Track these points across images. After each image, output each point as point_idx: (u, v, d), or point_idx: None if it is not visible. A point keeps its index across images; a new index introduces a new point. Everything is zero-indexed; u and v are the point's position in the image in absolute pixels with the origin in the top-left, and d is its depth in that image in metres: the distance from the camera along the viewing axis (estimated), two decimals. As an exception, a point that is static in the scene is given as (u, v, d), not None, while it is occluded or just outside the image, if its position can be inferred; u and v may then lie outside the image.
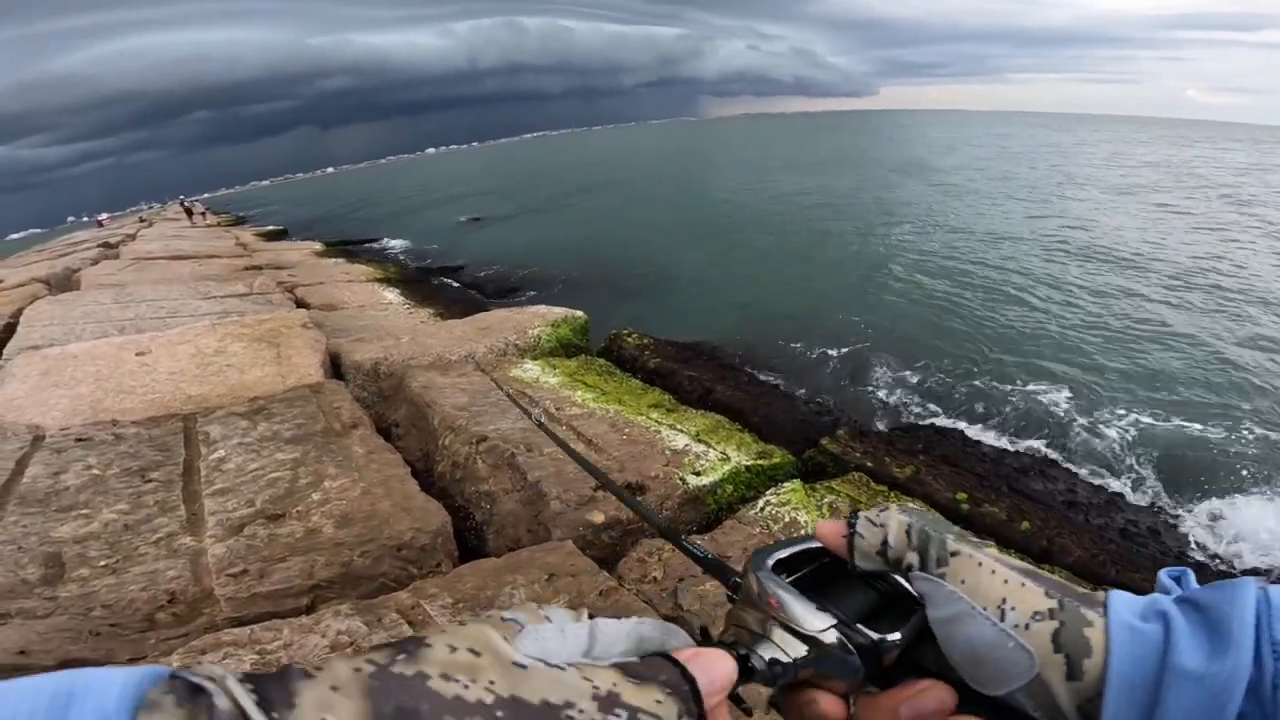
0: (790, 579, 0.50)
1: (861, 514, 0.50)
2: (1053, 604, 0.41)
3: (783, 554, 0.52)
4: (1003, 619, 0.42)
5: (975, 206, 19.57)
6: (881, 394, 7.08)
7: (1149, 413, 6.44)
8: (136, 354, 4.29)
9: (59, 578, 1.94)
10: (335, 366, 4.49)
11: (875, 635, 0.47)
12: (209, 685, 0.28)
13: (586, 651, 0.39)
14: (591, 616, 0.41)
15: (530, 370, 4.23)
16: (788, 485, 2.85)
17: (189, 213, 28.44)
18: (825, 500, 2.76)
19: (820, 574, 0.52)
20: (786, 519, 2.60)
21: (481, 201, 32.17)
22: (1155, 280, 11.23)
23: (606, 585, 1.98)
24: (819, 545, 0.52)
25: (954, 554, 0.46)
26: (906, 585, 0.50)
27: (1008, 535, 2.81)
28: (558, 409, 3.50)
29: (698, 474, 2.86)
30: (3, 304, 6.45)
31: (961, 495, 3.11)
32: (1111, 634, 0.39)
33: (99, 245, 14.42)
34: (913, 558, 0.47)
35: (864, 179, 28.97)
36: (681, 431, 3.30)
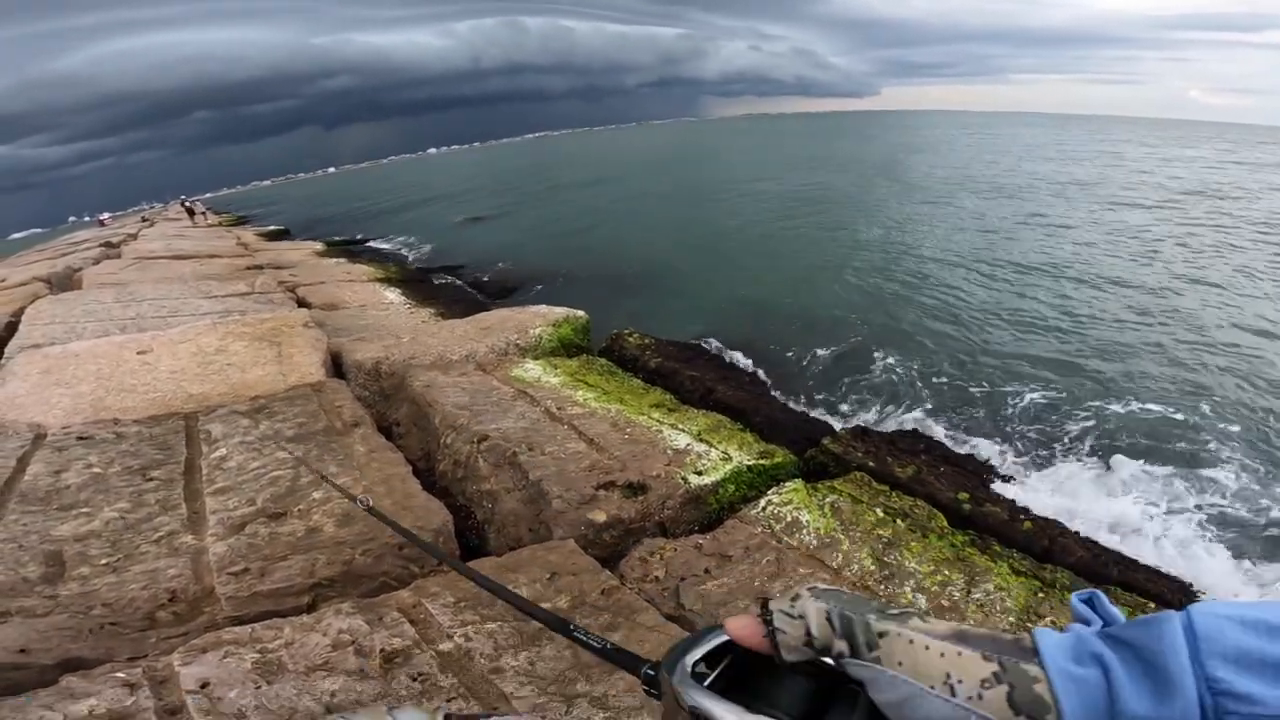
0: (712, 676, 0.49)
1: (774, 608, 0.49)
2: (995, 668, 0.41)
3: (697, 653, 0.50)
4: (953, 694, 0.42)
5: (981, 208, 19.55)
6: (884, 394, 7.07)
7: (1156, 412, 6.43)
8: (138, 353, 4.29)
9: (60, 576, 1.94)
10: (336, 366, 4.49)
11: None
12: None
13: None
14: (447, 717, 0.38)
15: (532, 370, 4.23)
16: (789, 485, 2.85)
17: (190, 212, 28.46)
18: (827, 500, 2.75)
19: (739, 665, 0.50)
20: (788, 518, 2.60)
21: (483, 201, 32.18)
22: (1168, 284, 11.20)
23: (608, 584, 1.98)
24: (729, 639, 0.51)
25: (881, 635, 0.45)
26: (833, 665, 0.48)
27: (1009, 535, 2.81)
28: (559, 408, 3.50)
29: (699, 473, 2.86)
30: (4, 303, 6.46)
31: (963, 495, 3.11)
32: (1055, 687, 0.39)
33: (100, 245, 14.43)
34: (841, 645, 0.46)
35: (864, 179, 28.96)
36: (683, 431, 3.30)
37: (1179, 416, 6.32)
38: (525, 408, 3.50)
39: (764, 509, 2.67)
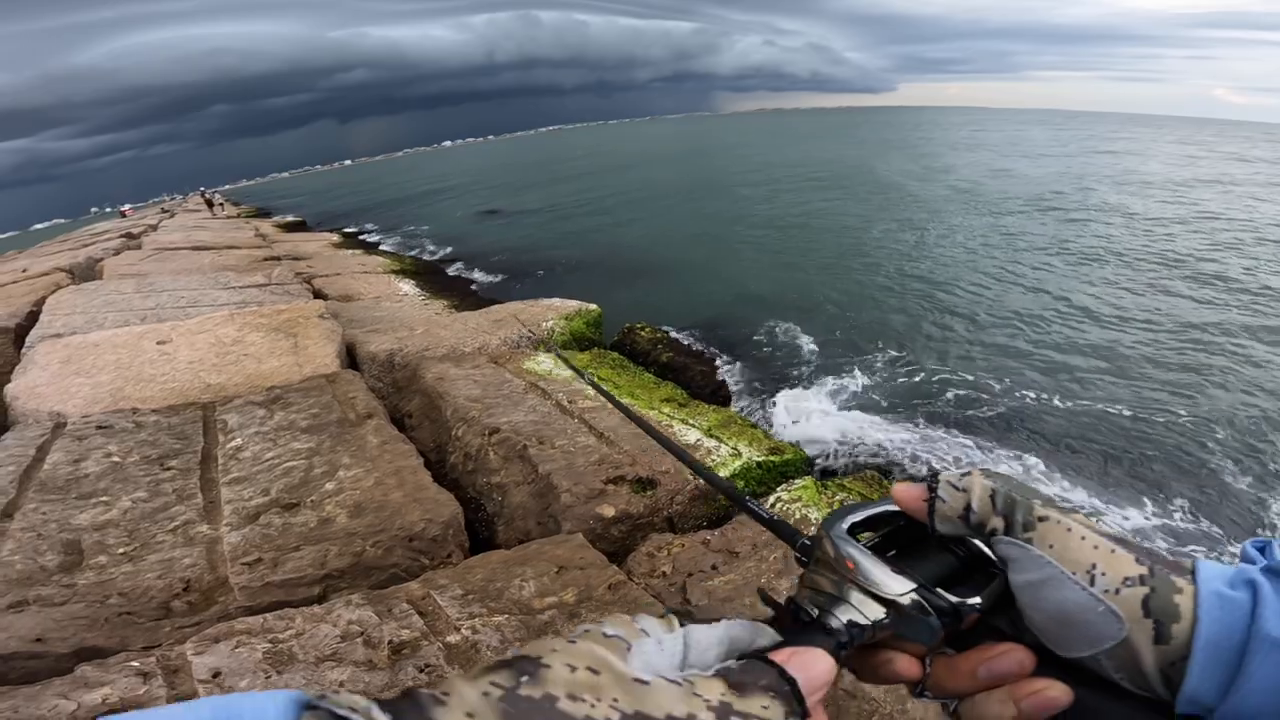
0: (865, 543, 0.50)
1: (943, 477, 0.50)
2: (1143, 570, 0.42)
3: (857, 516, 0.52)
4: (1092, 584, 0.42)
5: (1002, 206, 19.31)
6: (897, 391, 7.02)
7: (1169, 412, 6.34)
8: (157, 343, 4.35)
9: (77, 565, 1.98)
10: (351, 357, 4.53)
11: (955, 600, 0.47)
12: (353, 717, 0.29)
13: (683, 661, 0.39)
14: (683, 623, 0.41)
15: (544, 363, 4.24)
16: (799, 482, 2.84)
17: (209, 204, 28.73)
18: (837, 497, 2.74)
19: (895, 536, 0.52)
20: (798, 515, 2.59)
21: (496, 194, 32.25)
22: (1190, 280, 11.02)
23: (615, 579, 1.99)
24: (894, 509, 0.52)
25: (1041, 519, 0.46)
26: (983, 548, 0.50)
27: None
28: (570, 402, 3.51)
29: (709, 469, 2.85)
30: (26, 292, 6.57)
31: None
32: (1200, 600, 0.40)
33: (121, 235, 14.62)
34: (997, 522, 0.47)
35: (882, 175, 28.69)
36: (693, 426, 3.29)
37: (1215, 420, 6.19)
38: (536, 401, 3.51)
39: (773, 506, 2.66)
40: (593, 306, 5.34)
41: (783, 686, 0.38)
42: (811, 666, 0.41)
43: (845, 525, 0.51)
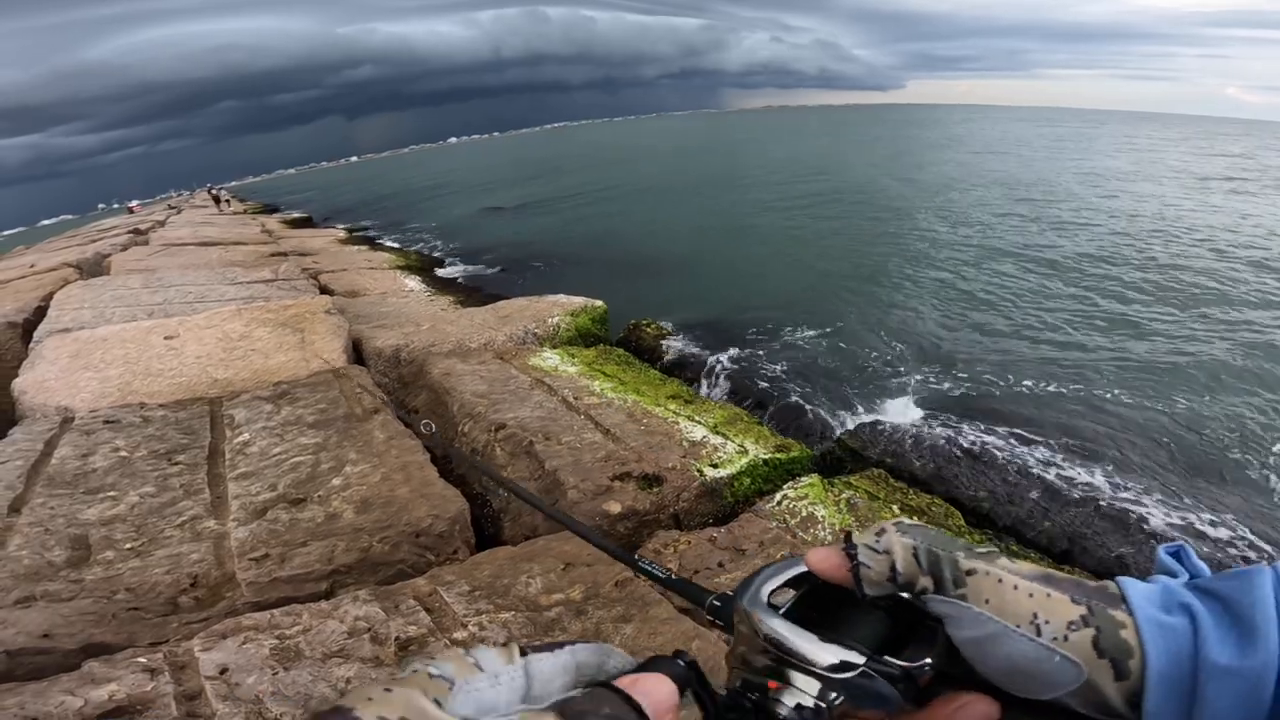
0: (784, 609, 0.48)
1: (859, 542, 0.49)
2: (1082, 610, 0.41)
3: (773, 583, 0.49)
4: (1039, 634, 0.41)
5: (1008, 206, 19.20)
6: (903, 389, 6.99)
7: (1185, 418, 6.29)
8: (165, 338, 4.36)
9: (84, 560, 1.98)
10: (357, 352, 4.53)
11: (905, 664, 0.45)
12: None
13: (525, 693, 0.38)
14: (523, 653, 0.40)
15: (549, 359, 4.24)
16: (805, 480, 2.83)
17: (216, 200, 28.85)
18: (843, 495, 2.73)
19: (814, 596, 0.50)
20: (804, 513, 2.58)
21: (502, 191, 32.25)
22: (1209, 280, 10.93)
23: (622, 576, 1.98)
24: (807, 570, 0.50)
25: (969, 572, 0.45)
26: (912, 600, 0.48)
27: (1028, 535, 2.77)
28: (576, 398, 3.50)
29: (715, 466, 2.84)
30: (34, 288, 6.59)
31: (982, 493, 3.06)
32: (1143, 634, 0.39)
33: (129, 231, 14.68)
34: (926, 581, 0.46)
35: (886, 172, 28.56)
36: (699, 423, 3.28)
37: (1233, 423, 6.12)
38: (542, 397, 3.50)
39: (779, 503, 2.65)
40: (598, 303, 5.33)
41: (628, 714, 0.36)
42: (656, 693, 0.39)
43: (763, 594, 0.48)
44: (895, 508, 2.67)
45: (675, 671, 0.42)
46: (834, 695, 0.44)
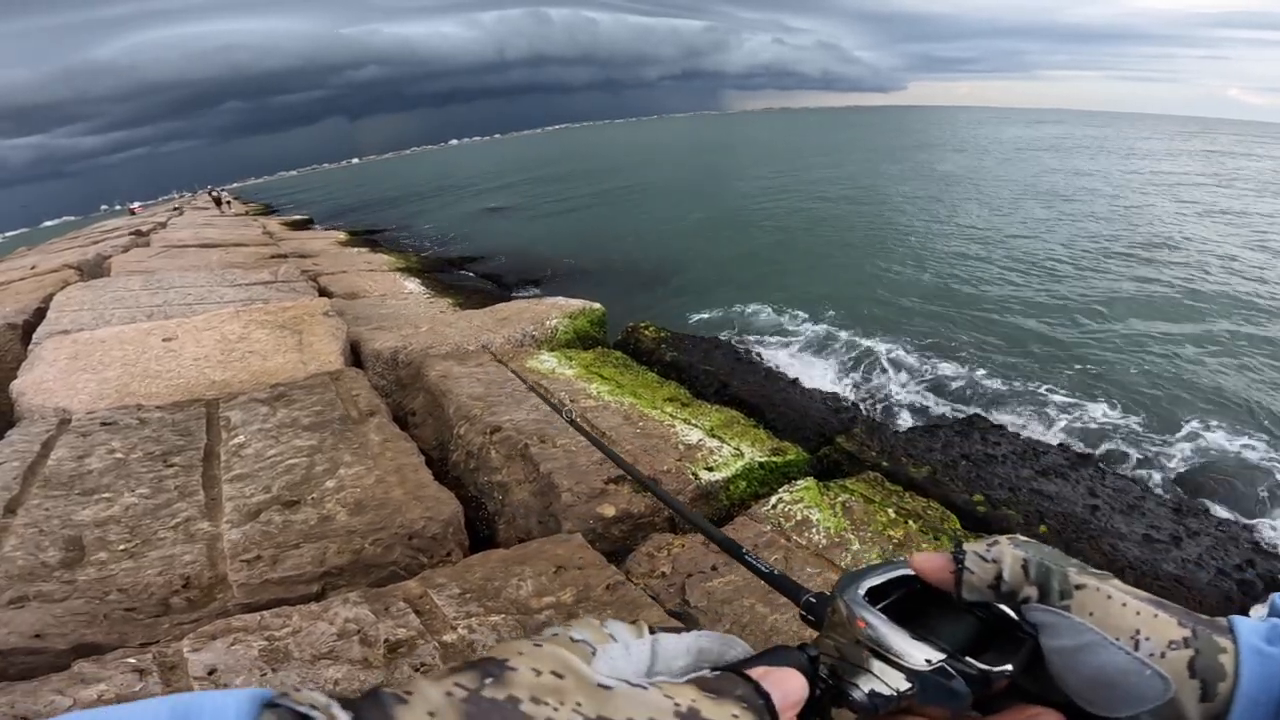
0: (881, 605, 0.50)
1: (969, 549, 0.50)
2: (1186, 633, 0.42)
3: (874, 580, 0.51)
4: (1137, 648, 0.43)
5: (1006, 205, 19.19)
6: (899, 391, 6.99)
7: (1183, 420, 6.28)
8: (163, 339, 4.37)
9: (78, 561, 1.98)
10: (355, 354, 4.54)
11: (985, 667, 0.46)
12: (313, 714, 0.29)
13: (649, 668, 0.40)
14: (652, 630, 0.41)
15: (547, 361, 4.24)
16: (801, 483, 2.83)
17: (218, 202, 28.91)
18: (839, 499, 2.73)
19: (908, 600, 0.51)
20: (799, 517, 2.58)
21: (502, 193, 32.31)
22: (1206, 281, 10.92)
23: (613, 579, 1.98)
24: (910, 573, 0.52)
25: (1079, 586, 0.46)
26: (1006, 611, 0.49)
27: (1026, 536, 2.76)
28: (573, 401, 3.51)
29: (711, 469, 2.84)
30: (34, 289, 6.61)
31: (978, 497, 3.06)
32: (1242, 658, 0.40)
33: (130, 233, 14.71)
34: (1031, 591, 0.47)
35: (884, 173, 28.57)
36: (696, 426, 3.28)
37: (1228, 427, 6.11)
38: (538, 400, 3.51)
39: (774, 506, 2.65)
40: (596, 305, 5.33)
41: (756, 700, 0.38)
42: (785, 684, 0.41)
43: (861, 589, 0.50)
44: (891, 511, 2.67)
45: (802, 664, 0.45)
46: (908, 686, 0.46)
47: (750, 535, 2.45)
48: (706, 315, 9.58)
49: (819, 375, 7.33)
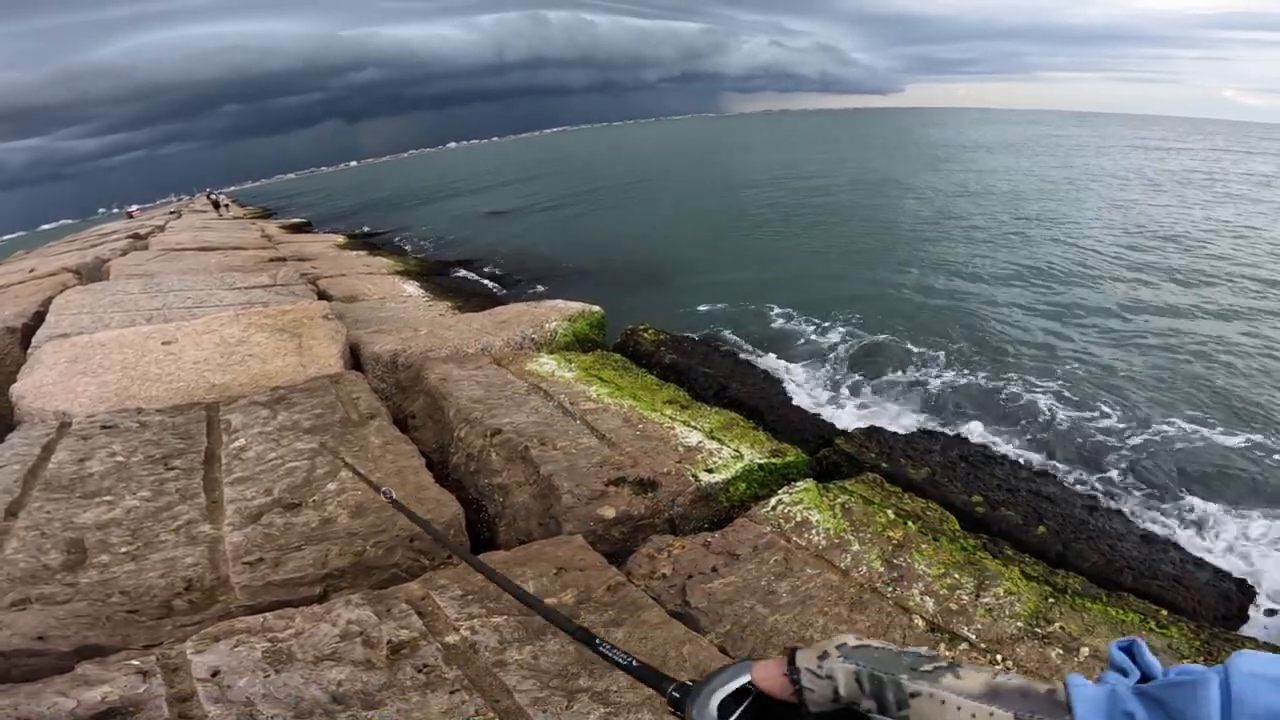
0: (737, 713, 0.50)
1: (801, 665, 0.50)
2: None
3: (724, 691, 0.51)
4: None
5: (1006, 208, 19.25)
6: (899, 393, 7.00)
7: (1179, 421, 6.29)
8: (163, 343, 4.38)
9: (80, 564, 1.99)
10: (355, 357, 4.54)
11: None
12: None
13: None
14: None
15: (546, 364, 4.25)
16: (800, 484, 2.84)
17: (216, 205, 28.88)
18: (838, 500, 2.74)
19: (763, 705, 0.52)
20: (798, 518, 2.59)
21: (501, 195, 32.32)
22: (1202, 290, 10.94)
23: (614, 580, 1.99)
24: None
25: (913, 695, 0.46)
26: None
27: (1023, 538, 2.77)
28: (573, 403, 3.51)
29: (710, 471, 2.85)
30: (33, 293, 6.61)
31: (977, 498, 3.07)
32: None
33: (128, 236, 14.70)
34: (869, 704, 0.47)
35: (884, 175, 28.65)
36: (695, 428, 3.29)
37: (1223, 431, 6.11)
38: (539, 402, 3.52)
39: (774, 508, 2.66)
40: (596, 308, 5.34)
41: None
42: None
43: (712, 705, 0.50)
44: (890, 512, 2.68)
45: None
46: None
47: (750, 537, 2.46)
48: (706, 317, 9.59)
49: (818, 376, 7.34)
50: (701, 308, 10.25)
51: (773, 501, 2.71)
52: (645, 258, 14.41)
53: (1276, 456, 5.53)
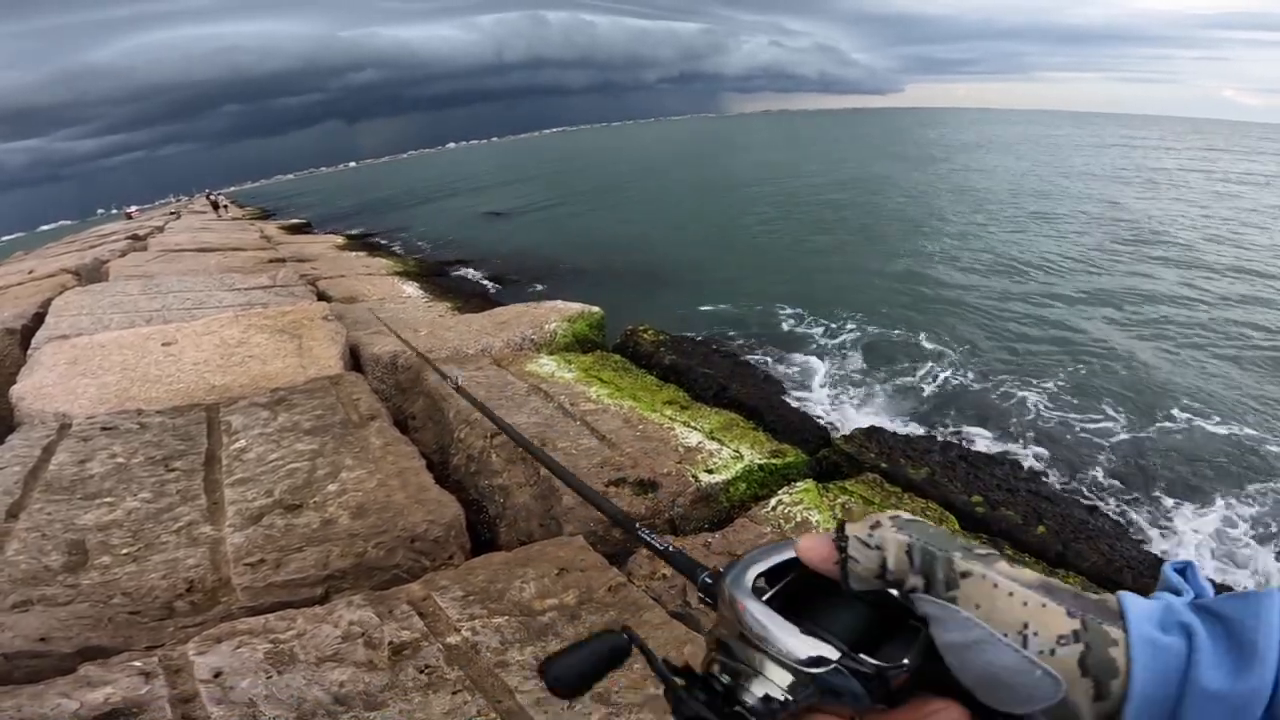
0: (771, 592, 0.48)
1: (851, 533, 0.47)
2: (1076, 625, 0.40)
3: (761, 566, 0.49)
4: (1025, 645, 0.40)
5: (1006, 208, 19.27)
6: (899, 394, 7.01)
7: (1180, 420, 6.30)
8: (163, 344, 4.38)
9: (82, 565, 1.99)
10: (355, 358, 4.54)
11: (879, 664, 0.44)
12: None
13: None
14: None
15: (546, 365, 4.25)
16: (800, 485, 2.84)
17: (215, 205, 28.87)
18: (838, 500, 2.75)
19: (802, 583, 0.49)
20: (799, 518, 2.60)
21: (500, 196, 32.32)
22: (1204, 285, 10.95)
23: (615, 581, 1.99)
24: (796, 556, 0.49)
25: (964, 574, 0.43)
26: (900, 598, 0.46)
27: (1023, 538, 2.78)
28: (573, 404, 3.52)
29: (710, 472, 2.86)
30: (33, 294, 6.61)
31: (977, 499, 3.08)
32: (1133, 651, 0.38)
33: (128, 237, 14.70)
34: (916, 580, 0.44)
35: (885, 174, 28.67)
36: (695, 429, 3.30)
37: (1226, 428, 6.11)
38: (539, 403, 3.52)
39: (774, 508, 2.66)
40: (595, 309, 5.35)
41: None
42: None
43: (748, 578, 0.48)
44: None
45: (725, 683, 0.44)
46: (804, 690, 0.44)
47: (750, 537, 2.47)
48: (706, 317, 9.61)
49: (819, 376, 7.35)
50: (701, 308, 10.26)
51: (773, 502, 2.72)
52: (644, 258, 14.42)
53: (1276, 453, 5.54)
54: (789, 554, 0.50)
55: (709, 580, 0.53)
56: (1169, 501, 4.81)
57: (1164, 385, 7.04)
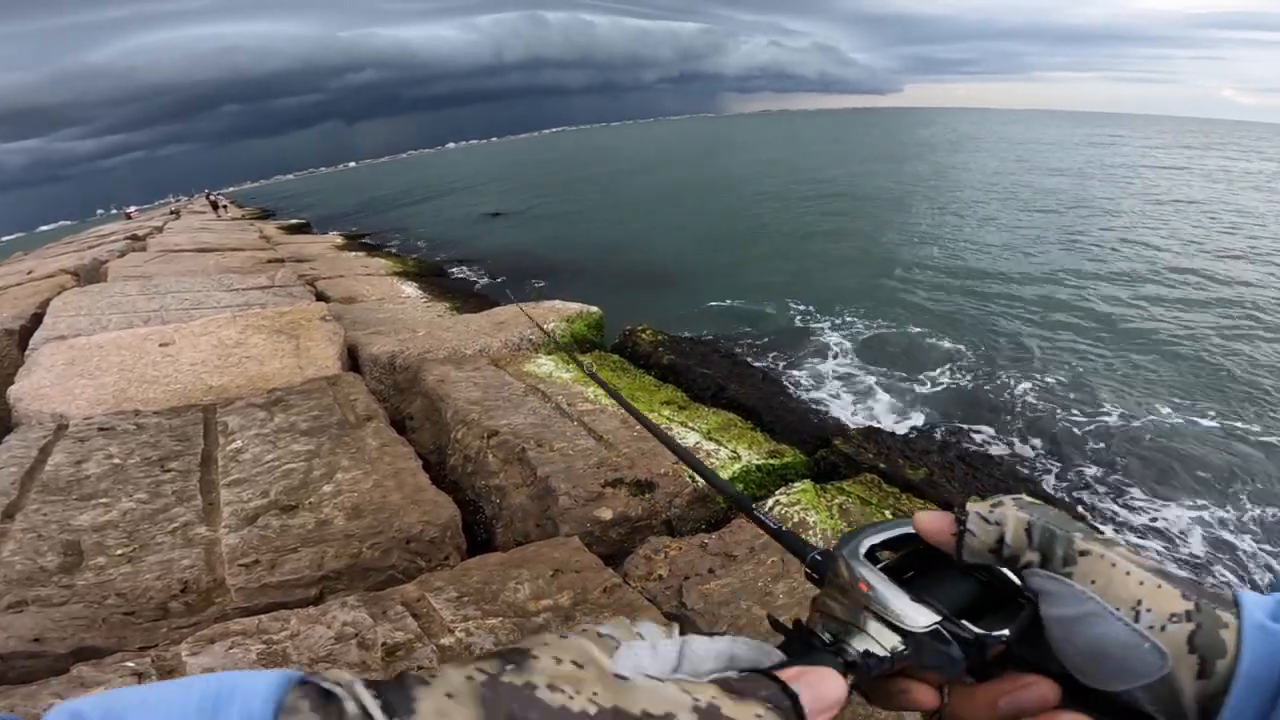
0: (881, 565, 0.49)
1: (972, 509, 0.49)
2: (1189, 606, 0.41)
3: (875, 538, 0.51)
4: (1137, 620, 0.41)
5: (1005, 207, 19.27)
6: (898, 394, 7.01)
7: (1181, 419, 6.30)
8: (160, 345, 4.37)
9: (77, 566, 1.99)
10: (352, 359, 4.54)
11: (981, 632, 0.46)
12: (339, 691, 0.30)
13: (675, 668, 0.39)
14: (683, 631, 0.42)
15: (544, 365, 4.25)
16: (798, 485, 2.84)
17: (214, 206, 28.89)
18: (836, 501, 2.74)
19: (911, 558, 0.51)
20: (795, 519, 2.59)
21: (499, 196, 32.34)
22: (1203, 288, 10.96)
23: (610, 582, 1.99)
24: (912, 531, 0.51)
25: (1083, 553, 0.44)
26: (1008, 575, 0.48)
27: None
28: (570, 404, 3.52)
29: (707, 472, 2.85)
30: (31, 294, 6.61)
31: (975, 499, 3.08)
32: (1244, 634, 0.39)
33: (126, 237, 14.70)
34: (1033, 556, 0.46)
35: (882, 175, 28.67)
36: (693, 429, 3.30)
37: (1224, 430, 6.12)
38: (536, 403, 3.52)
39: (771, 508, 2.66)
40: (594, 309, 5.35)
41: (783, 701, 0.37)
42: (819, 685, 0.40)
43: (863, 547, 0.50)
44: (888, 513, 2.69)
45: (838, 665, 0.44)
46: (903, 648, 0.45)
47: (747, 538, 2.46)
48: (705, 317, 9.61)
49: (817, 376, 7.35)
50: (700, 308, 10.27)
51: (770, 502, 2.71)
52: (643, 258, 14.43)
53: (1276, 451, 5.54)
54: (903, 529, 0.52)
55: (819, 557, 0.55)
56: (1168, 499, 4.81)
57: (1168, 384, 7.04)
